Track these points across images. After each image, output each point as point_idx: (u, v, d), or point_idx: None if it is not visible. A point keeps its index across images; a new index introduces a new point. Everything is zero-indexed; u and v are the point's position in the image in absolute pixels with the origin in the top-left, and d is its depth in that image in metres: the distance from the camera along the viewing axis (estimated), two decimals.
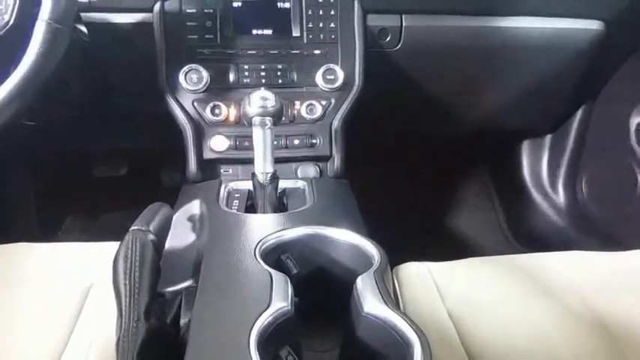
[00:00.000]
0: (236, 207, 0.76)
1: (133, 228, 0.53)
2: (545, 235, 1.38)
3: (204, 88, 0.87)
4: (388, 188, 1.50)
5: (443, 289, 0.68)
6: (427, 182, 1.57)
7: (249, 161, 0.72)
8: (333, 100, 0.90)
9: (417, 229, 1.45)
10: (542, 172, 1.42)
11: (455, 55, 1.03)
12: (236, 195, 0.80)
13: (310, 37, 0.90)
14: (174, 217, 0.65)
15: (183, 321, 0.57)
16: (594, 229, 1.27)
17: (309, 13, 0.89)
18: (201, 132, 0.88)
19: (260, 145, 0.68)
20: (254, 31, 0.89)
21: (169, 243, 0.61)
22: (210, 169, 0.89)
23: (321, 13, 0.89)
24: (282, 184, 0.77)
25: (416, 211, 1.54)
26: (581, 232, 1.30)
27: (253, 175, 0.70)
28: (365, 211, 0.75)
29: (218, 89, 0.88)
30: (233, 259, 0.55)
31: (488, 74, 1.10)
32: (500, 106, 1.20)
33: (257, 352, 0.41)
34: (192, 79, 0.86)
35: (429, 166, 1.57)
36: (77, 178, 1.45)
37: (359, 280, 0.50)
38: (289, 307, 0.47)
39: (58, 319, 0.61)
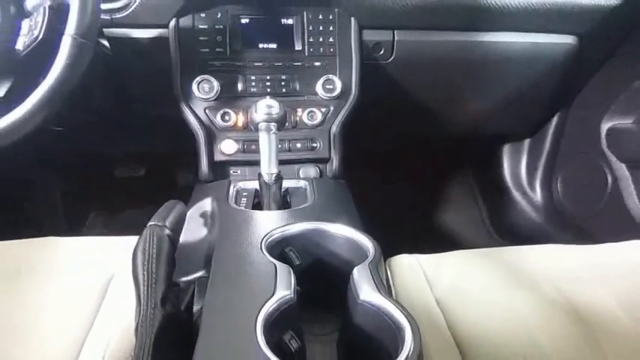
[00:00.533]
0: (244, 204, 0.76)
1: (150, 223, 0.53)
2: (524, 230, 1.38)
3: (215, 97, 0.87)
4: (382, 188, 1.50)
5: (431, 279, 0.68)
6: (418, 182, 1.57)
7: (256, 163, 0.72)
8: (331, 108, 0.90)
9: (409, 224, 1.45)
10: (521, 172, 1.42)
11: (442, 67, 1.03)
12: (244, 194, 0.80)
13: (311, 50, 0.90)
14: (187, 214, 0.65)
15: (196, 308, 0.57)
16: (568, 224, 1.27)
17: (310, 28, 0.89)
18: (212, 136, 0.88)
19: (266, 148, 0.68)
20: (260, 45, 0.89)
21: (183, 237, 0.61)
22: (220, 170, 0.89)
23: (320, 28, 0.89)
24: (286, 183, 0.77)
25: (407, 208, 1.54)
26: (557, 227, 1.30)
27: (259, 175, 0.70)
28: (361, 208, 0.75)
29: (228, 98, 0.88)
30: (241, 252, 0.55)
31: (473, 84, 1.10)
32: (484, 113, 1.20)
33: (263, 336, 0.41)
34: (204, 88, 0.86)
35: (420, 168, 1.58)
36: (99, 178, 1.45)
37: (355, 271, 0.50)
38: (292, 296, 0.47)
39: (82, 306, 0.61)
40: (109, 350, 0.55)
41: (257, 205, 0.76)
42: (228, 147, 0.88)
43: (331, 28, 0.90)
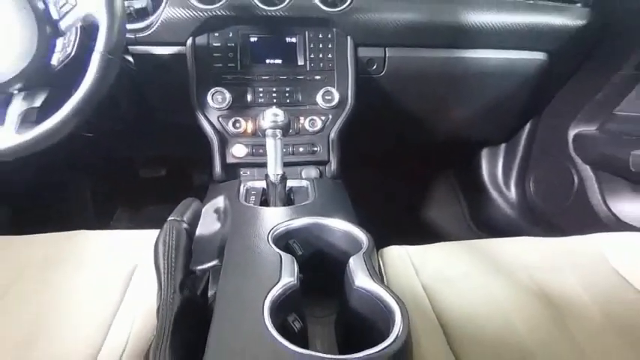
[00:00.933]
0: (253, 202, 0.76)
1: (170, 218, 0.53)
2: (500, 224, 1.38)
3: (228, 107, 0.87)
4: (375, 187, 1.50)
5: (418, 267, 0.68)
6: (406, 182, 1.57)
7: (263, 165, 0.72)
8: (330, 116, 0.90)
9: (398, 219, 1.45)
10: (498, 173, 1.42)
11: (428, 80, 1.03)
12: (253, 192, 0.80)
13: (312, 65, 0.90)
14: (203, 210, 0.65)
15: (210, 293, 0.57)
16: (540, 219, 1.27)
17: (311, 46, 0.89)
18: (224, 141, 0.88)
19: (272, 152, 0.68)
20: (267, 61, 0.89)
21: (199, 230, 0.61)
22: (232, 171, 0.89)
23: (320, 46, 0.89)
24: (290, 183, 0.77)
25: (397, 205, 1.54)
26: (529, 222, 1.30)
27: (266, 176, 0.70)
28: (356, 204, 0.74)
29: (238, 107, 0.88)
30: (250, 243, 0.55)
31: (455, 95, 1.10)
32: (465, 121, 1.20)
33: (270, 318, 0.41)
34: (217, 99, 0.86)
35: (408, 169, 1.57)
36: (125, 178, 1.45)
37: (351, 260, 0.50)
38: (295, 282, 0.47)
39: (110, 291, 0.61)
40: (134, 330, 0.55)
41: (264, 202, 0.76)
42: (238, 151, 0.88)
43: (330, 46, 0.90)
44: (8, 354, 0.52)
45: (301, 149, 0.89)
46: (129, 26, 0.82)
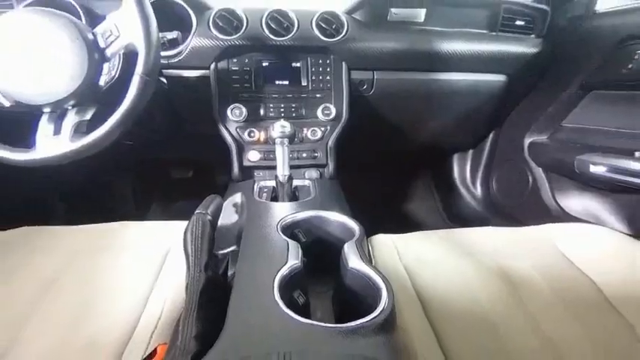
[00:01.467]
0: (265, 198, 0.76)
1: (196, 211, 0.53)
2: (468, 216, 1.38)
3: (244, 119, 0.87)
4: (366, 185, 1.49)
5: (401, 252, 0.68)
6: (392, 181, 1.57)
7: (273, 167, 0.72)
8: (328, 127, 0.90)
9: (385, 212, 1.45)
10: (466, 174, 1.42)
11: (409, 98, 1.03)
12: (264, 190, 0.80)
13: (313, 85, 0.90)
14: (223, 205, 0.65)
15: (230, 273, 0.56)
16: (501, 212, 1.27)
17: (313, 70, 0.89)
18: (241, 148, 0.88)
19: (280, 157, 0.68)
20: (276, 82, 0.89)
21: (220, 221, 0.60)
22: (247, 172, 0.89)
23: (320, 70, 0.89)
24: (295, 182, 0.77)
25: (384, 200, 1.54)
26: (492, 214, 1.30)
27: (276, 176, 0.70)
28: (350, 200, 0.75)
29: (253, 120, 0.88)
30: (263, 232, 0.55)
31: (431, 110, 1.10)
32: (439, 131, 1.20)
33: (278, 293, 0.41)
34: (235, 113, 0.86)
35: (393, 170, 1.57)
36: (159, 178, 1.45)
37: (345, 246, 0.51)
38: (300, 264, 0.47)
39: (146, 272, 0.61)
40: (167, 303, 0.55)
41: (274, 198, 0.76)
42: (253, 156, 0.88)
43: (328, 70, 0.90)
44: (62, 324, 0.52)
45: (304, 154, 0.89)
46: (163, 53, 0.82)
